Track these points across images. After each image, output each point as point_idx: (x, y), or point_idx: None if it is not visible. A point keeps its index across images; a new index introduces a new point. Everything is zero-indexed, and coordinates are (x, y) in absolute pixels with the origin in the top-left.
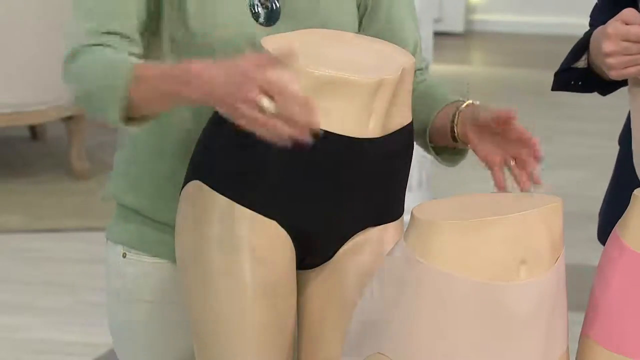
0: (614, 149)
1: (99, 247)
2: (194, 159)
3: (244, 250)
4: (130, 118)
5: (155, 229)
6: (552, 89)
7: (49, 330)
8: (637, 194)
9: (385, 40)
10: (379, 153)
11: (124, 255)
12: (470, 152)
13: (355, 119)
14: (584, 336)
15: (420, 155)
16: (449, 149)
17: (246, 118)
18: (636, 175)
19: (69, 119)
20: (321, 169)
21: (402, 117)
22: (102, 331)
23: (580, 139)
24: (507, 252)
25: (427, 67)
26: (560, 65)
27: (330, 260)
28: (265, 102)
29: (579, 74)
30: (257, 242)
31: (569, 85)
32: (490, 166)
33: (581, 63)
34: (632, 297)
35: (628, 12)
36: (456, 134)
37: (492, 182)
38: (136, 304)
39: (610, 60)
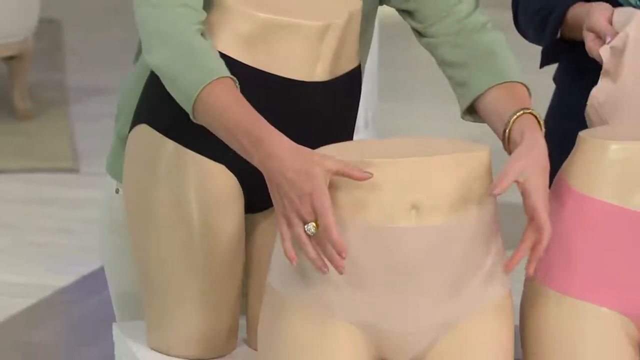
0: (550, 87)
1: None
2: (143, 102)
3: (192, 194)
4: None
5: None
6: (541, 67)
7: None
8: (582, 136)
9: None
10: (327, 96)
11: (117, 191)
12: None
13: (303, 62)
14: (529, 278)
15: (366, 95)
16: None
17: (288, 223)
18: (570, 113)
19: (10, 58)
20: (269, 113)
21: (349, 61)
22: (46, 272)
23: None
24: (397, 196)
25: (477, 7)
26: (544, 46)
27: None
28: (312, 228)
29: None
30: (205, 185)
31: (557, 58)
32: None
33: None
34: (578, 239)
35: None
36: (506, 142)
37: (436, 121)
38: (124, 237)
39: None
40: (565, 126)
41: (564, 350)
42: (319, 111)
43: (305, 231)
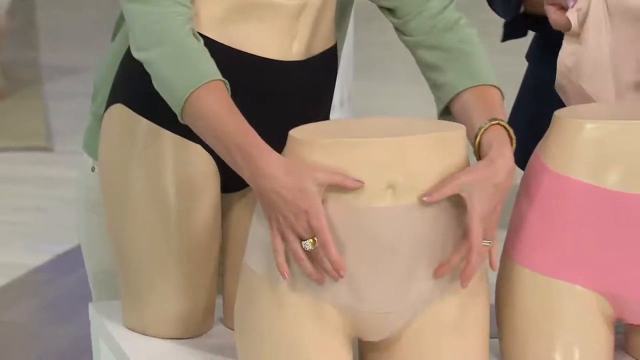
0: (522, 65)
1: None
2: (118, 81)
3: (167, 173)
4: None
5: None
6: (502, 40)
7: None
8: (557, 115)
9: None
10: (303, 76)
11: (93, 169)
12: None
13: (278, 42)
14: (505, 256)
15: (341, 74)
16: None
17: (284, 239)
18: (542, 92)
19: None
20: (244, 92)
21: (325, 40)
22: (21, 251)
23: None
24: (373, 176)
25: (450, 3)
26: (507, 19)
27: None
28: (309, 245)
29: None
30: (181, 166)
31: (519, 32)
32: None
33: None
34: (553, 217)
35: None
36: (477, 152)
37: (411, 100)
38: (100, 215)
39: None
40: (538, 101)
41: (540, 329)
42: (295, 90)
43: (301, 247)
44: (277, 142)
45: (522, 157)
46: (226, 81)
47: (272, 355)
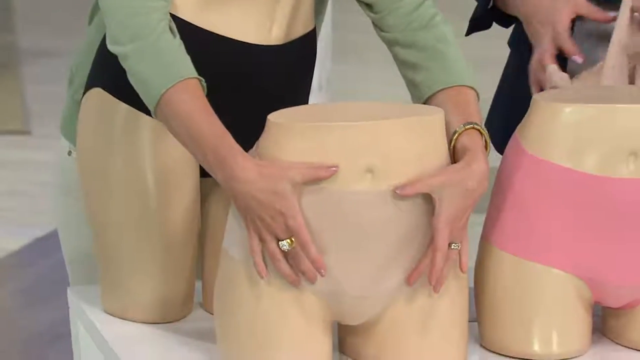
0: (504, 49)
1: None
2: (97, 65)
3: (146, 157)
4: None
5: None
6: (467, 34)
7: None
8: (536, 98)
9: None
10: (282, 60)
11: (69, 153)
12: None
13: (257, 26)
14: (483, 240)
15: (320, 58)
16: None
17: (261, 239)
18: (524, 78)
19: None
20: (223, 77)
21: (304, 25)
22: None
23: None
24: (352, 160)
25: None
26: (474, 14)
27: None
28: (287, 245)
29: (489, 14)
30: (160, 149)
31: (482, 27)
32: None
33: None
34: (531, 201)
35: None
36: (452, 156)
37: (390, 84)
38: (77, 199)
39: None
40: (519, 86)
41: (518, 312)
42: (274, 75)
43: (279, 247)
44: (256, 127)
45: (504, 142)
46: (202, 79)
47: (251, 339)
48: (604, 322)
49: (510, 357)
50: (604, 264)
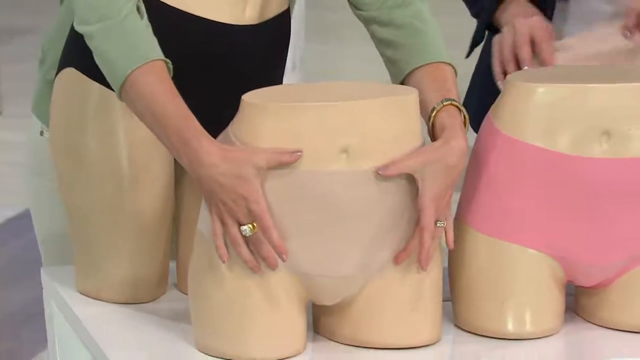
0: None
1: None
2: (70, 45)
3: (120, 137)
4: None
5: None
6: (467, 56)
7: None
8: (509, 79)
9: None
10: (256, 40)
11: (41, 133)
12: None
13: (231, 5)
14: (457, 220)
15: (293, 37)
16: None
17: (223, 224)
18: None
19: None
20: (197, 57)
21: (278, 4)
22: None
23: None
24: (327, 140)
25: None
26: (474, 36)
27: None
28: (248, 231)
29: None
30: (134, 130)
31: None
32: None
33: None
34: (505, 181)
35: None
36: (431, 133)
37: (365, 63)
38: (45, 180)
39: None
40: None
41: (492, 291)
42: (248, 55)
43: (240, 232)
44: (230, 107)
45: (481, 123)
46: (168, 61)
47: (225, 319)
48: (576, 301)
49: (484, 336)
50: (576, 244)
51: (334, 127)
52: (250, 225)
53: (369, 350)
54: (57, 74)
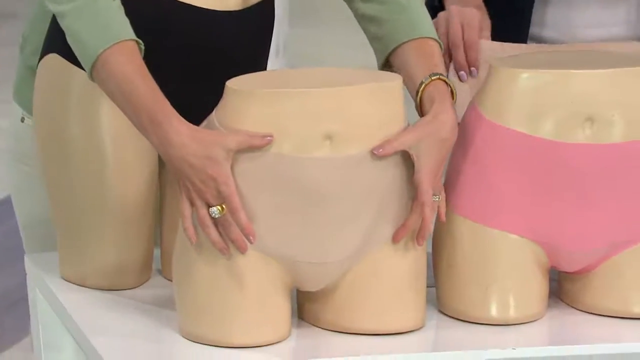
0: None
1: None
2: (53, 31)
3: (104, 123)
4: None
5: None
6: None
7: None
8: (493, 64)
9: None
10: (239, 26)
11: (22, 120)
12: None
13: None
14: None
15: (277, 22)
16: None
17: (192, 205)
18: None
19: None
20: (181, 44)
21: None
22: None
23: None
24: (311, 126)
25: None
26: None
27: None
28: (217, 212)
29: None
30: (118, 115)
31: None
32: None
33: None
34: (488, 166)
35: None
36: (418, 107)
37: (349, 48)
38: (31, 166)
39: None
40: None
41: (475, 277)
42: (232, 41)
43: (209, 214)
44: (214, 93)
45: None
46: (140, 42)
47: (210, 305)
48: (560, 287)
49: (468, 322)
50: (559, 229)
51: (318, 114)
52: (219, 207)
53: (353, 336)
54: (40, 59)
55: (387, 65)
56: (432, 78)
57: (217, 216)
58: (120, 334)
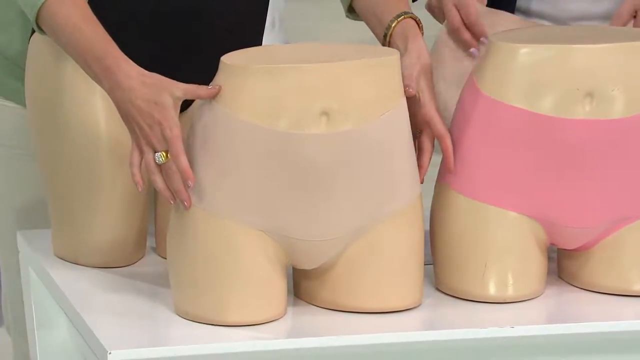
0: None
1: None
2: None
3: (97, 102)
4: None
5: (13, 76)
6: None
7: None
8: (492, 39)
9: None
10: (231, 7)
11: None
12: None
13: None
14: (439, 181)
15: None
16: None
17: (139, 150)
18: None
19: None
20: (176, 17)
21: None
22: None
23: None
24: (307, 102)
25: None
26: None
27: (185, 113)
28: (161, 157)
29: None
30: None
31: None
32: None
33: None
34: (487, 143)
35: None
36: (387, 44)
37: (346, 22)
38: (9, 148)
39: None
40: None
41: (474, 255)
42: (228, 15)
43: (154, 160)
44: (209, 69)
45: None
46: None
47: (205, 283)
48: (559, 264)
49: (466, 299)
50: (559, 206)
51: (314, 89)
52: (163, 153)
53: (349, 314)
54: (32, 33)
55: (351, 10)
56: (405, 16)
57: (161, 162)
58: (114, 312)
